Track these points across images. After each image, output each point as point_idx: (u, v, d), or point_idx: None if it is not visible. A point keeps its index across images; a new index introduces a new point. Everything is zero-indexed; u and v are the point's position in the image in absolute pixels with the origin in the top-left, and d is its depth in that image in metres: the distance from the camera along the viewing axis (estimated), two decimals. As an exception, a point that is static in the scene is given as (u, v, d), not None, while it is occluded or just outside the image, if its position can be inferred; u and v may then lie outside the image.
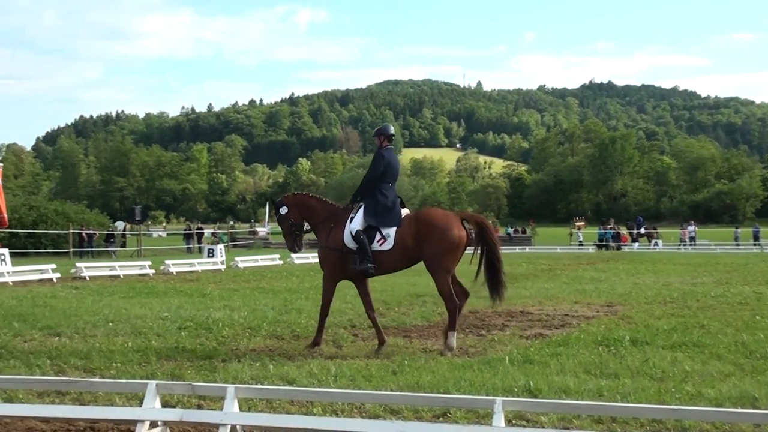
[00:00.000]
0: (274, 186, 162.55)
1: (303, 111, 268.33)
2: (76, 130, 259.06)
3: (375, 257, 10.18)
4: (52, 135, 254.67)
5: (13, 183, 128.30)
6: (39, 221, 44.50)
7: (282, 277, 24.01)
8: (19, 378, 7.35)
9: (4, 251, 24.21)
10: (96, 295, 17.25)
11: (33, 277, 21.91)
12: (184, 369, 8.73)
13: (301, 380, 8.07)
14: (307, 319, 13.16)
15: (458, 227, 10.17)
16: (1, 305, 14.86)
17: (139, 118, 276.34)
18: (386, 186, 10.39)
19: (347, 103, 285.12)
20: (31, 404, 6.80)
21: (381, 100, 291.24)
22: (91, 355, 9.39)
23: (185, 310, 14.32)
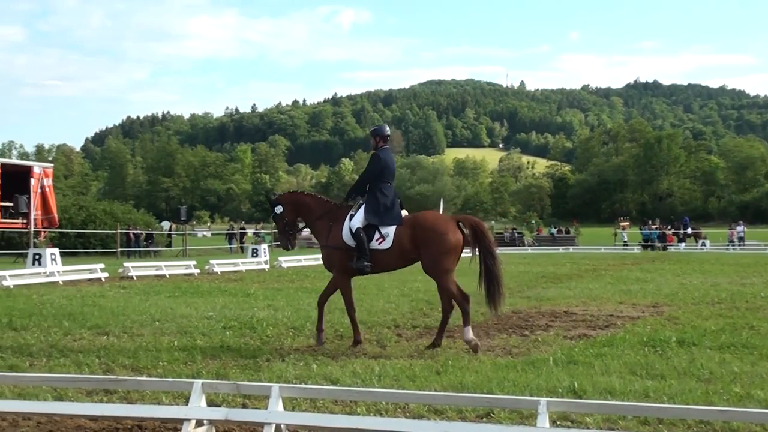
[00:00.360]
0: (317, 186, 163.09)
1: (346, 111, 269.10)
2: (123, 130, 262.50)
3: (373, 256, 10.30)
4: (100, 135, 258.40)
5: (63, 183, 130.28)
6: (88, 221, 45.16)
7: (325, 277, 23.90)
8: (68, 377, 7.45)
9: (54, 251, 24.59)
10: (143, 295, 17.45)
11: (82, 276, 22.22)
12: (228, 368, 8.79)
13: (345, 380, 8.08)
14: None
15: (454, 230, 10.23)
16: (52, 304, 15.08)
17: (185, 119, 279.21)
18: (385, 185, 10.51)
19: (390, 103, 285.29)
20: (80, 402, 6.89)
21: (424, 100, 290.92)
22: (138, 354, 9.50)
23: (230, 310, 14.42)
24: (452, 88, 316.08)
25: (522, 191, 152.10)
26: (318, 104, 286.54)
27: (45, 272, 21.64)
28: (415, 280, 22.35)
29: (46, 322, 12.38)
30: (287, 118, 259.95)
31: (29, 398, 7.07)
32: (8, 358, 9.19)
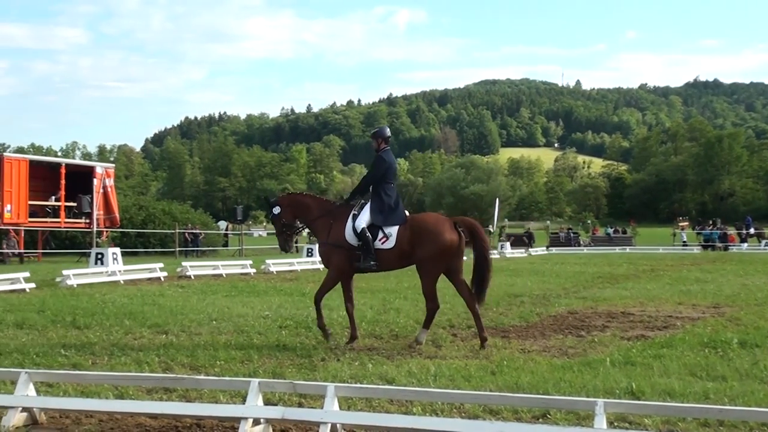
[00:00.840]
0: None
1: (401, 111, 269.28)
2: (181, 131, 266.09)
3: (377, 255, 10.51)
4: (159, 136, 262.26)
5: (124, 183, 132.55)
6: (148, 221, 45.85)
7: (380, 277, 24.06)
8: (129, 375, 7.58)
9: (116, 250, 25.00)
10: (200, 294, 17.66)
11: (142, 275, 22.55)
12: (284, 367, 8.85)
13: (401, 379, 8.09)
14: (405, 318, 13.20)
15: (450, 231, 10.45)
16: (114, 303, 15.34)
17: (241, 119, 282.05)
18: (389, 186, 10.76)
19: (445, 103, 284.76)
20: (140, 401, 6.99)
21: (479, 99, 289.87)
22: (196, 353, 9.61)
23: (285, 309, 14.53)
24: (507, 87, 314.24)
25: (577, 191, 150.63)
26: (373, 104, 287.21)
27: (107, 271, 22.01)
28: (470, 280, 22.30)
29: (108, 321, 12.60)
30: (342, 118, 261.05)
31: (92, 396, 7.20)
32: (72, 357, 9.37)
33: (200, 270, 24.69)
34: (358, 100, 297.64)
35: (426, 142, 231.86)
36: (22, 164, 35.01)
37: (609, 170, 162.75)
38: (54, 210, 36.95)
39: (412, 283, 21.21)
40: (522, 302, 16.30)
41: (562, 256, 42.87)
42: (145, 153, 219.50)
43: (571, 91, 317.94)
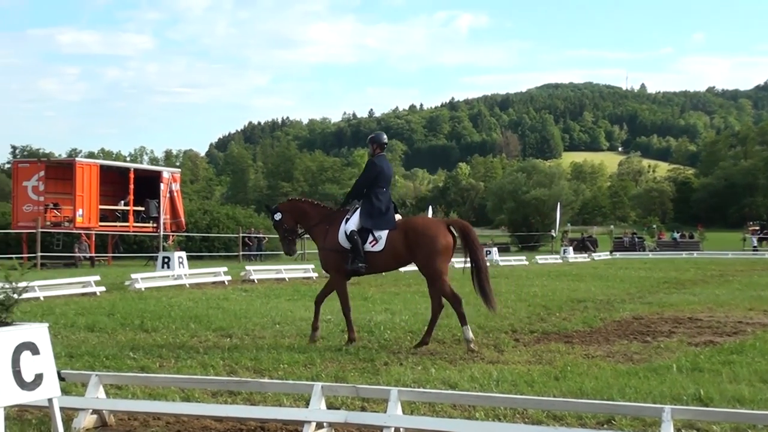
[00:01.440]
0: (434, 190, 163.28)
1: (463, 115, 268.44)
2: (245, 136, 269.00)
3: (366, 257, 10.81)
4: (223, 141, 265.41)
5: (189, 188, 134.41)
6: (212, 225, 46.48)
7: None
8: (195, 378, 7.67)
9: (182, 254, 25.37)
10: (263, 298, 17.82)
11: (207, 279, 22.85)
12: (347, 371, 8.88)
13: (463, 384, 8.06)
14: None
15: (444, 234, 10.77)
16: (180, 306, 15.57)
17: (303, 124, 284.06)
18: (381, 191, 11.03)
19: (507, 107, 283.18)
20: (206, 403, 7.07)
21: (541, 103, 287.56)
22: (260, 356, 9.70)
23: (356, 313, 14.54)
24: (570, 91, 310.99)
25: (642, 195, 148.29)
26: (435, 109, 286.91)
27: (173, 275, 22.35)
28: (533, 285, 22.12)
29: (174, 324, 12.80)
30: (404, 123, 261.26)
31: (159, 399, 7.30)
32: (140, 359, 9.53)
33: (263, 274, 24.91)
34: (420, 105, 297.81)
35: (487, 146, 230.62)
36: (93, 169, 35.79)
37: (675, 174, 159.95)
38: (123, 214, 37.69)
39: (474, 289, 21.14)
40: (585, 307, 16.13)
41: (626, 261, 42.29)
42: (209, 158, 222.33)
43: (635, 94, 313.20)
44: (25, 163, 39.97)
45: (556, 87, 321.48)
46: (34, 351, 5.73)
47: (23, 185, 35.39)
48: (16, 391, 5.58)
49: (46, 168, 35.72)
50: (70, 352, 9.86)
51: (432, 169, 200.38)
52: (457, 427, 5.98)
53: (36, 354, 5.74)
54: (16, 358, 5.58)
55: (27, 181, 35.28)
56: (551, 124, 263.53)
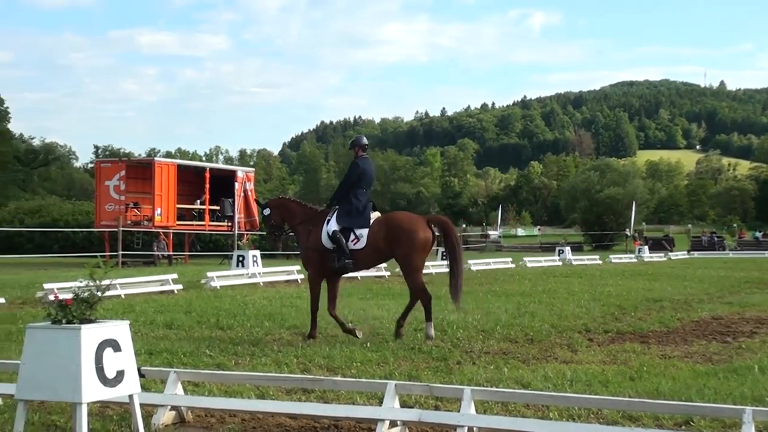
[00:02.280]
0: (506, 189, 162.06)
1: (535, 114, 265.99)
2: (317, 135, 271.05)
3: (351, 254, 11.25)
4: (296, 140, 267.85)
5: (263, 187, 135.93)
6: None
7: (514, 281, 23.92)
8: (270, 375, 7.76)
9: (256, 253, 25.68)
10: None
11: (280, 278, 23.10)
12: (420, 370, 8.89)
13: (536, 384, 8.00)
14: (540, 322, 13.03)
15: (424, 229, 11.17)
16: (254, 305, 15.78)
17: (375, 123, 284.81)
18: (360, 191, 11.49)
19: (580, 105, 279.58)
20: (280, 401, 7.14)
21: (615, 101, 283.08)
22: (332, 355, 9.77)
23: (420, 312, 14.50)
24: (645, 89, 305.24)
25: (722, 194, 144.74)
26: (507, 107, 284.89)
27: (247, 273, 22.64)
28: (607, 284, 21.82)
29: (249, 322, 12.97)
30: (476, 122, 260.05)
31: (235, 396, 7.39)
32: (216, 357, 9.67)
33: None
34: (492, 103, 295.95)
35: (560, 144, 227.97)
36: (171, 169, 36.49)
37: (757, 172, 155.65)
38: (199, 213, 38.33)
39: (547, 287, 20.98)
40: (662, 307, 15.85)
41: (705, 260, 41.42)
42: (282, 157, 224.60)
43: (714, 91, 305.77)
44: (107, 162, 41.02)
45: (631, 85, 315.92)
46: (116, 348, 5.88)
47: (105, 184, 36.31)
48: (99, 388, 5.73)
49: (126, 167, 36.59)
50: (149, 349, 10.07)
51: (504, 167, 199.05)
52: (532, 427, 5.95)
53: (118, 351, 5.90)
54: (99, 355, 5.74)
55: (109, 181, 36.21)
56: (626, 122, 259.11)
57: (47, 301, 14.20)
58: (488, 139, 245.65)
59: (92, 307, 5.90)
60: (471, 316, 13.79)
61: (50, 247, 43.55)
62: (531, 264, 33.48)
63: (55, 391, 5.76)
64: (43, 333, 5.81)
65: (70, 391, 5.64)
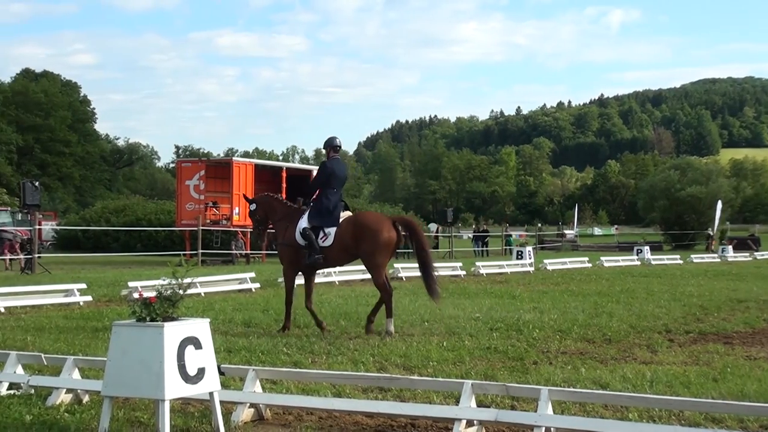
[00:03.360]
0: (582, 188, 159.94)
1: (613, 112, 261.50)
2: (392, 134, 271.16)
3: (320, 251, 11.82)
4: (371, 140, 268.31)
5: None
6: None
7: (591, 280, 23.61)
8: (346, 374, 7.81)
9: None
10: (412, 295, 17.93)
11: (356, 277, 23.22)
12: (496, 369, 8.85)
13: (615, 384, 7.89)
14: (618, 322, 12.83)
15: (388, 229, 11.63)
16: (330, 303, 15.89)
17: (450, 122, 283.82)
18: (331, 191, 12.00)
19: (660, 103, 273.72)
20: (358, 399, 7.17)
21: (696, 99, 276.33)
22: (409, 354, 9.77)
23: (496, 312, 14.50)
24: (728, 86, 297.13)
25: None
26: (583, 105, 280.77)
27: (323, 272, 22.77)
28: (688, 284, 21.38)
29: (325, 321, 13.05)
30: (552, 120, 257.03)
31: (312, 394, 7.45)
32: (293, 355, 9.76)
33: (411, 272, 25.06)
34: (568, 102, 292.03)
35: (638, 143, 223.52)
36: (249, 168, 36.97)
37: None
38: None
39: (625, 287, 20.65)
40: (747, 307, 15.46)
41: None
42: (357, 156, 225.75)
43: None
44: (187, 162, 41.76)
45: (714, 82, 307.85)
46: (197, 345, 5.99)
47: (186, 184, 37.00)
48: (181, 385, 5.84)
49: (206, 167, 37.21)
50: (228, 347, 10.23)
51: (580, 166, 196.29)
52: (611, 428, 5.86)
53: (199, 348, 6.00)
54: (181, 353, 5.85)
55: (189, 180, 36.89)
56: (708, 120, 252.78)
57: (132, 299, 14.60)
58: (564, 138, 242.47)
59: (175, 305, 6.01)
60: (547, 316, 13.66)
61: (134, 246, 44.63)
62: (608, 263, 33.00)
63: (139, 388, 5.89)
64: (128, 330, 5.95)
65: (154, 388, 5.76)
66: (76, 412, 6.89)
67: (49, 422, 6.52)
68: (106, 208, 55.18)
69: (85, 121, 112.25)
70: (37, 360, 8.03)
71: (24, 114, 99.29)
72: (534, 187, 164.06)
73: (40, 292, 16.65)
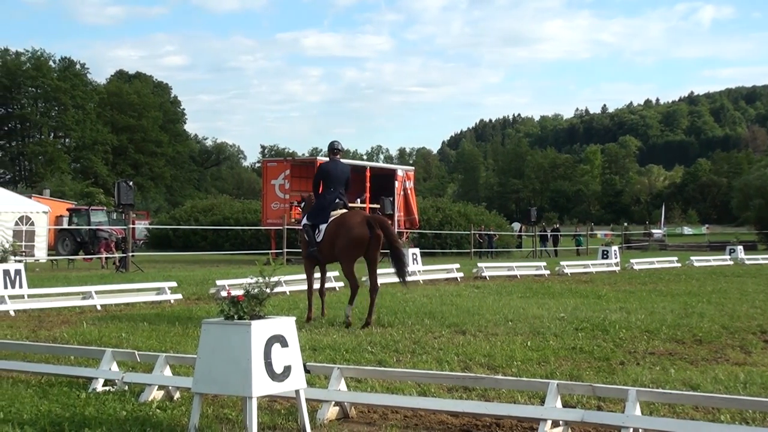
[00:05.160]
0: (671, 187, 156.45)
1: (703, 110, 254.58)
2: (476, 133, 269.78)
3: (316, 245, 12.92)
4: (455, 139, 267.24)
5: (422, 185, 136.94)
6: (444, 222, 47.14)
7: (680, 280, 23.09)
8: (431, 373, 7.80)
9: (416, 251, 25.82)
10: (495, 295, 17.85)
11: (440, 276, 23.21)
12: (581, 370, 8.73)
13: (706, 386, 7.70)
14: (710, 323, 12.51)
15: (359, 227, 12.48)
16: (414, 302, 15.90)
17: (534, 121, 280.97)
18: (327, 191, 12.98)
19: (754, 101, 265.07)
20: (442, 399, 7.15)
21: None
22: (493, 353, 9.71)
23: (581, 311, 14.30)
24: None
25: None
26: (672, 103, 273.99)
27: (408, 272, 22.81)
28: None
29: (410, 320, 13.09)
30: (639, 118, 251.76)
31: (397, 393, 7.44)
32: (377, 353, 9.78)
33: (495, 271, 24.97)
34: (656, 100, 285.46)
35: (731, 141, 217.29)
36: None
37: None
38: (360, 212, 38.92)
39: (717, 287, 20.14)
40: None
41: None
42: (441, 155, 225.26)
43: None
44: (273, 162, 42.23)
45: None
46: (283, 343, 6.05)
47: (271, 183, 37.49)
48: (267, 382, 5.91)
49: (291, 167, 37.57)
50: (313, 345, 10.32)
51: (668, 165, 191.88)
52: (702, 429, 5.73)
53: (285, 346, 6.06)
54: (267, 351, 5.92)
55: (275, 180, 37.36)
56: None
57: (220, 298, 14.88)
58: (652, 136, 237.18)
59: (262, 304, 6.09)
60: (634, 316, 13.41)
61: (222, 244, 45.51)
62: (698, 263, 32.24)
63: (227, 385, 5.98)
64: (217, 328, 6.04)
65: (241, 385, 5.84)
66: (168, 409, 7.04)
67: (142, 418, 6.67)
68: (195, 208, 56.43)
69: (175, 122, 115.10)
70: (131, 357, 8.23)
71: (118, 115, 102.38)
72: (620, 186, 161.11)
73: (134, 290, 17.12)
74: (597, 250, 34.00)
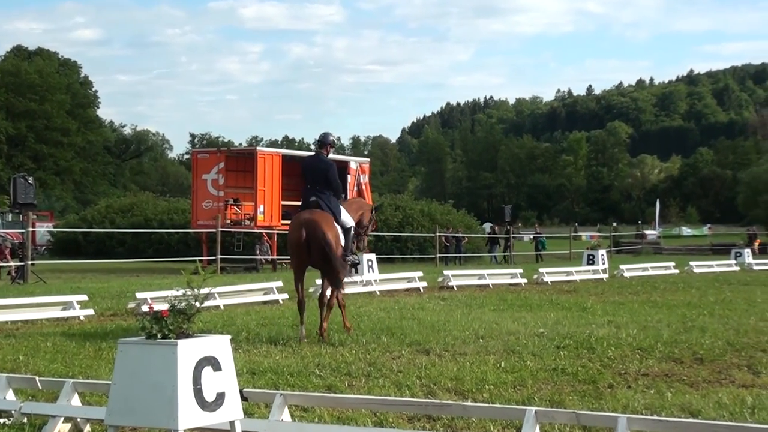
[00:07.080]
0: (667, 180, 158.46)
1: (704, 91, 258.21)
2: (442, 119, 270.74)
3: None
4: (417, 125, 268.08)
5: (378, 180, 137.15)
6: (405, 223, 47.08)
7: (678, 289, 23.41)
8: (389, 399, 7.81)
9: (371, 256, 25.77)
10: (464, 308, 17.93)
11: (399, 285, 23.22)
12: (564, 394, 8.82)
13: (708, 412, 7.83)
14: (712, 339, 12.70)
15: (294, 230, 13.06)
16: (370, 317, 15.92)
17: (509, 105, 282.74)
18: (306, 188, 13.55)
19: (763, 81, 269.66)
20: (402, 429, 7.18)
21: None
22: (461, 376, 9.75)
23: (563, 326, 14.43)
24: None
25: None
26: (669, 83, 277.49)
27: (362, 281, 22.72)
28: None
29: (364, 337, 13.09)
30: (630, 101, 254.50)
31: (349, 423, 7.46)
32: (327, 377, 9.79)
33: (464, 280, 25.07)
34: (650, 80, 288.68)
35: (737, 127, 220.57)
36: (275, 159, 36.74)
37: None
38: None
39: (721, 297, 20.46)
40: None
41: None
42: (401, 145, 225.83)
43: None
44: (204, 153, 41.63)
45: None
46: (215, 367, 6.02)
47: (203, 178, 36.94)
48: (197, 412, 5.87)
49: (226, 158, 37.09)
50: (251, 368, 10.29)
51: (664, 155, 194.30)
52: (701, 465, 5.82)
53: (218, 370, 6.03)
54: (197, 375, 5.88)
55: (206, 174, 36.81)
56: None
57: (141, 313, 14.76)
58: (645, 122, 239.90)
59: (190, 320, 6.05)
60: (625, 332, 13.56)
61: (143, 250, 45.08)
62: (699, 269, 32.72)
63: (148, 417, 5.92)
64: (136, 349, 5.99)
65: (165, 416, 5.79)
66: (76, 444, 6.98)
67: (45, 456, 6.61)
68: (110, 207, 55.79)
69: (86, 106, 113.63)
70: (31, 384, 8.13)
71: (15, 98, 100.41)
72: (608, 180, 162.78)
73: (34, 305, 16.86)
74: (582, 254, 34.33)
